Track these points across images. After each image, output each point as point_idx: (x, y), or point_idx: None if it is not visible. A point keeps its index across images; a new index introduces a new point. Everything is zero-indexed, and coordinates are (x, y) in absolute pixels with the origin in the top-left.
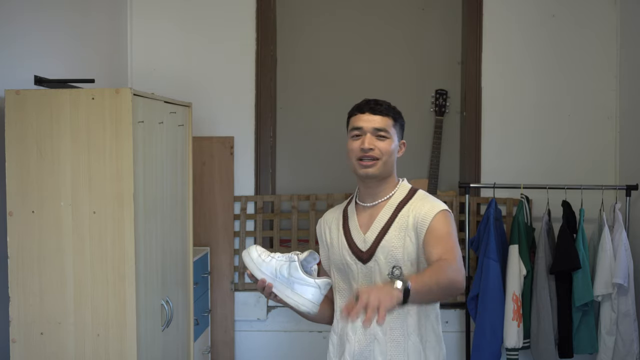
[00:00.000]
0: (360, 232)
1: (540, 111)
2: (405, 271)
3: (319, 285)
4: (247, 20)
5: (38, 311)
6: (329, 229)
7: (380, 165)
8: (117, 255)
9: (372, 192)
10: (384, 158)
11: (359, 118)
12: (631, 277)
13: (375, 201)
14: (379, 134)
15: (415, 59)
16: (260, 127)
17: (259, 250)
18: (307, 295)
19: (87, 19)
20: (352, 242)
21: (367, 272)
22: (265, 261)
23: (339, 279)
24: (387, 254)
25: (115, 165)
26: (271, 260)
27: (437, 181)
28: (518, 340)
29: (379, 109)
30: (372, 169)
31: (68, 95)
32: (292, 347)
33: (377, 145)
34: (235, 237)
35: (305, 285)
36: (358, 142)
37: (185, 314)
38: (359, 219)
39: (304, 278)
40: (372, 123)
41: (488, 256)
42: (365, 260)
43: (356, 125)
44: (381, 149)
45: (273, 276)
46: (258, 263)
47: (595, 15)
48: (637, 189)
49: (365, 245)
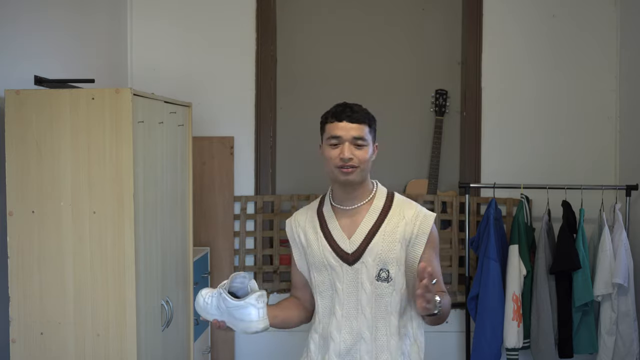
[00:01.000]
0: (344, 235)
1: (540, 111)
2: (392, 274)
3: (251, 303)
4: (247, 20)
5: (38, 311)
6: (302, 232)
7: (359, 172)
8: (117, 255)
9: (350, 196)
10: (362, 165)
11: (336, 126)
12: (631, 277)
13: (355, 204)
14: (357, 143)
15: (415, 59)
16: (260, 127)
17: (204, 294)
18: (248, 316)
19: (87, 19)
20: (336, 245)
21: (353, 273)
22: (208, 303)
23: (319, 281)
24: (375, 257)
25: (115, 165)
26: (212, 300)
27: (437, 181)
28: (518, 340)
29: (356, 117)
30: (352, 175)
31: (68, 95)
32: (291, 347)
33: (355, 154)
34: (235, 237)
35: (241, 308)
36: (337, 150)
37: (185, 314)
38: (339, 221)
39: (235, 304)
40: (350, 132)
41: (488, 256)
42: (351, 262)
43: (334, 134)
44: (360, 157)
45: (219, 313)
46: (204, 307)
47: (595, 15)
48: (637, 189)
49: (351, 247)
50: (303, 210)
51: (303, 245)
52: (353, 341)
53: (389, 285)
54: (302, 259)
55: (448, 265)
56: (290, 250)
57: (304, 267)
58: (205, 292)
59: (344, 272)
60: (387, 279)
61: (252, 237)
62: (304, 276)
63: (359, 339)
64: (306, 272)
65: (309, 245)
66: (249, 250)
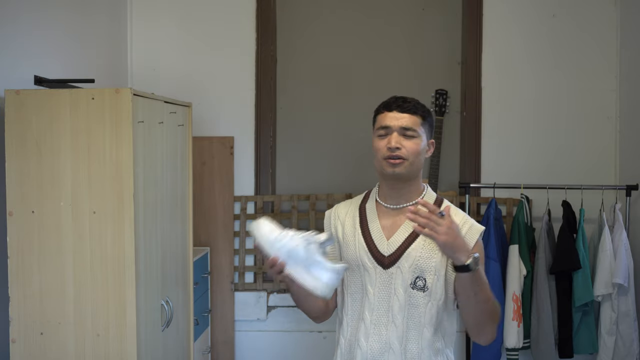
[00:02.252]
0: (383, 235)
1: (540, 111)
2: (429, 283)
3: (337, 270)
4: (247, 20)
5: (38, 311)
6: (341, 225)
7: (407, 165)
8: (117, 255)
9: (396, 194)
10: (411, 158)
11: (385, 116)
12: (631, 277)
13: (400, 204)
14: (407, 133)
15: (415, 59)
16: (260, 127)
17: (271, 226)
18: (324, 279)
19: (87, 19)
20: (373, 245)
21: (387, 277)
22: (278, 239)
23: (350, 280)
24: (413, 263)
25: (115, 165)
26: (285, 238)
27: (437, 181)
28: (518, 340)
29: (407, 106)
30: (399, 168)
31: (68, 95)
32: (292, 347)
33: (404, 145)
34: (235, 237)
35: (323, 269)
36: (384, 141)
37: (185, 314)
38: (380, 220)
39: (322, 261)
40: (400, 121)
41: (488, 256)
42: (386, 266)
43: (383, 124)
44: (408, 149)
45: (286, 255)
46: (270, 239)
47: (595, 15)
48: (637, 189)
49: (388, 249)
50: (346, 202)
51: (339, 239)
52: (381, 351)
53: (425, 295)
54: (337, 254)
55: None
56: None
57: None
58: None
59: (377, 275)
60: (424, 288)
61: (252, 237)
62: None
63: (387, 348)
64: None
65: (345, 240)
66: (249, 250)
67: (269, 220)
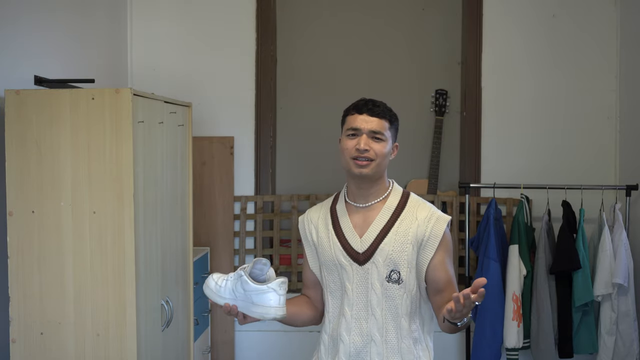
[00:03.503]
0: (355, 234)
1: (540, 111)
2: (403, 275)
3: (273, 288)
4: (247, 20)
5: (38, 311)
6: (315, 229)
7: (374, 166)
8: (117, 255)
9: (364, 193)
10: (377, 160)
11: (355, 118)
12: (631, 277)
13: (369, 202)
14: (375, 136)
15: (415, 59)
16: (260, 127)
17: (215, 277)
18: (268, 302)
19: (87, 19)
20: (347, 243)
21: (364, 273)
22: (221, 286)
23: (329, 280)
24: (386, 257)
25: (115, 165)
26: (226, 283)
27: (437, 181)
28: (518, 340)
29: (376, 110)
30: (366, 169)
31: (68, 95)
32: (292, 347)
33: (372, 147)
34: (235, 237)
35: (261, 293)
36: (354, 141)
37: (185, 314)
38: (351, 219)
39: (256, 288)
40: (369, 125)
41: (488, 256)
42: (361, 262)
43: (353, 126)
44: (376, 151)
45: (233, 297)
46: (216, 290)
47: (595, 15)
48: (637, 189)
49: (362, 247)
50: (317, 207)
51: (315, 242)
52: (363, 343)
53: (400, 287)
54: (314, 257)
55: None
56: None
57: (316, 266)
58: (217, 276)
59: (353, 271)
60: (398, 280)
61: (252, 237)
62: (314, 275)
63: (369, 340)
64: (318, 271)
65: (320, 242)
66: (249, 250)
67: (215, 274)
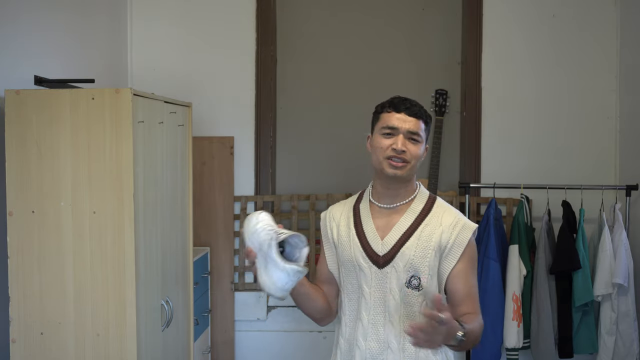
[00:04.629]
0: (377, 235)
1: (540, 111)
2: (423, 282)
3: (287, 271)
4: (247, 20)
5: (38, 311)
6: (336, 226)
7: (409, 169)
8: (117, 255)
9: (392, 194)
10: (413, 162)
11: (392, 116)
12: (631, 277)
13: (394, 204)
14: (412, 137)
15: (415, 59)
16: (260, 127)
17: (261, 218)
18: (274, 277)
19: (87, 19)
20: (367, 245)
21: (382, 277)
22: (257, 231)
23: (347, 281)
24: (407, 262)
25: (115, 165)
26: (261, 232)
27: (437, 181)
28: (518, 340)
29: (414, 110)
30: (401, 170)
31: (68, 95)
32: (292, 347)
33: (408, 148)
34: (235, 237)
35: (276, 267)
36: (390, 140)
37: (185, 314)
38: (374, 220)
39: (275, 260)
40: (407, 124)
41: (488, 256)
42: (381, 265)
43: (390, 124)
44: (412, 153)
45: (257, 248)
46: (251, 231)
47: (595, 15)
48: (637, 189)
49: (382, 249)
50: (340, 204)
51: (334, 240)
52: (380, 350)
53: (420, 293)
54: (333, 255)
55: None
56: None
57: (334, 265)
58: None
59: (372, 274)
60: (418, 286)
61: None
62: (330, 272)
63: (385, 347)
64: (336, 270)
65: (340, 241)
66: None
67: (263, 214)
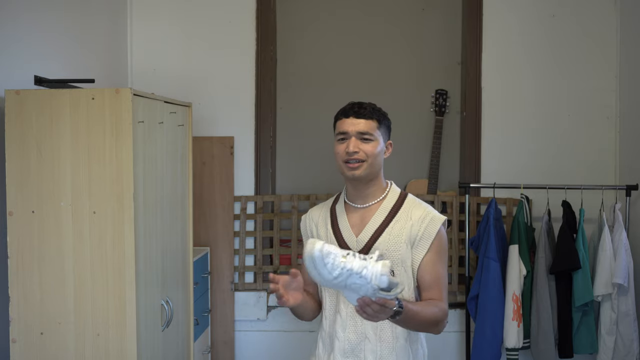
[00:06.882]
0: (352, 233)
1: (540, 111)
2: (397, 273)
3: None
4: (247, 20)
5: (38, 311)
6: (315, 227)
7: (366, 167)
8: (117, 255)
9: (361, 194)
10: (369, 160)
11: (343, 122)
12: (631, 277)
13: (366, 203)
14: (364, 137)
15: (415, 59)
16: (260, 127)
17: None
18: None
19: (87, 19)
20: (343, 242)
21: None
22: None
23: None
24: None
25: (115, 165)
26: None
27: (437, 181)
28: (518, 340)
29: (362, 112)
30: (358, 170)
31: (68, 95)
32: (292, 347)
33: (361, 148)
34: (235, 237)
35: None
36: (343, 145)
37: (185, 314)
38: (349, 219)
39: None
40: (357, 127)
41: (488, 256)
42: None
43: (341, 130)
44: (366, 152)
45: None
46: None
47: (595, 15)
48: (637, 189)
49: (357, 246)
50: (319, 206)
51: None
52: (357, 340)
53: None
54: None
55: (448, 266)
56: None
57: None
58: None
59: None
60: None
61: (252, 237)
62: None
63: (363, 338)
64: None
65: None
66: (249, 250)
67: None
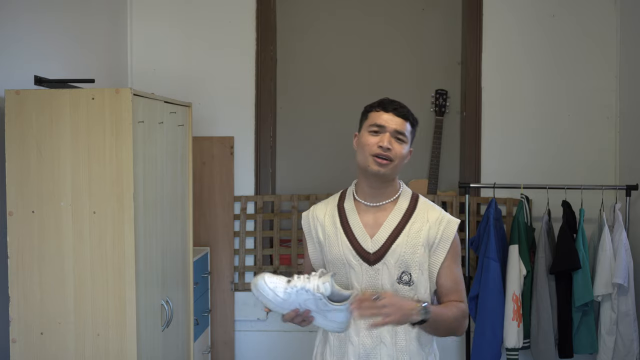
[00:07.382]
0: (366, 233)
1: (540, 111)
2: (414, 277)
3: (345, 308)
4: (247, 20)
5: (38, 311)
6: (320, 226)
7: (392, 167)
8: (117, 255)
9: (376, 193)
10: (396, 161)
11: (380, 115)
12: (631, 277)
13: (380, 202)
14: (398, 137)
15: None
16: (260, 127)
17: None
18: (339, 319)
19: (87, 19)
20: (357, 243)
21: (373, 274)
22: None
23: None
24: (398, 259)
25: (115, 165)
26: (290, 296)
27: (437, 181)
28: (518, 340)
29: (402, 111)
30: (385, 168)
31: (68, 95)
32: (292, 347)
33: (394, 147)
34: (235, 237)
35: (335, 312)
36: (376, 138)
37: (185, 314)
38: (361, 218)
39: (335, 308)
40: (395, 124)
41: (488, 256)
42: (372, 262)
43: (378, 123)
44: (397, 152)
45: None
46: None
47: (595, 15)
48: (637, 189)
49: (373, 247)
50: (322, 204)
51: (320, 241)
52: (373, 344)
53: (411, 289)
54: (316, 252)
55: None
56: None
57: (318, 262)
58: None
59: (363, 271)
60: (409, 282)
61: (252, 237)
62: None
63: (378, 342)
64: (319, 267)
65: (327, 241)
66: (249, 250)
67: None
